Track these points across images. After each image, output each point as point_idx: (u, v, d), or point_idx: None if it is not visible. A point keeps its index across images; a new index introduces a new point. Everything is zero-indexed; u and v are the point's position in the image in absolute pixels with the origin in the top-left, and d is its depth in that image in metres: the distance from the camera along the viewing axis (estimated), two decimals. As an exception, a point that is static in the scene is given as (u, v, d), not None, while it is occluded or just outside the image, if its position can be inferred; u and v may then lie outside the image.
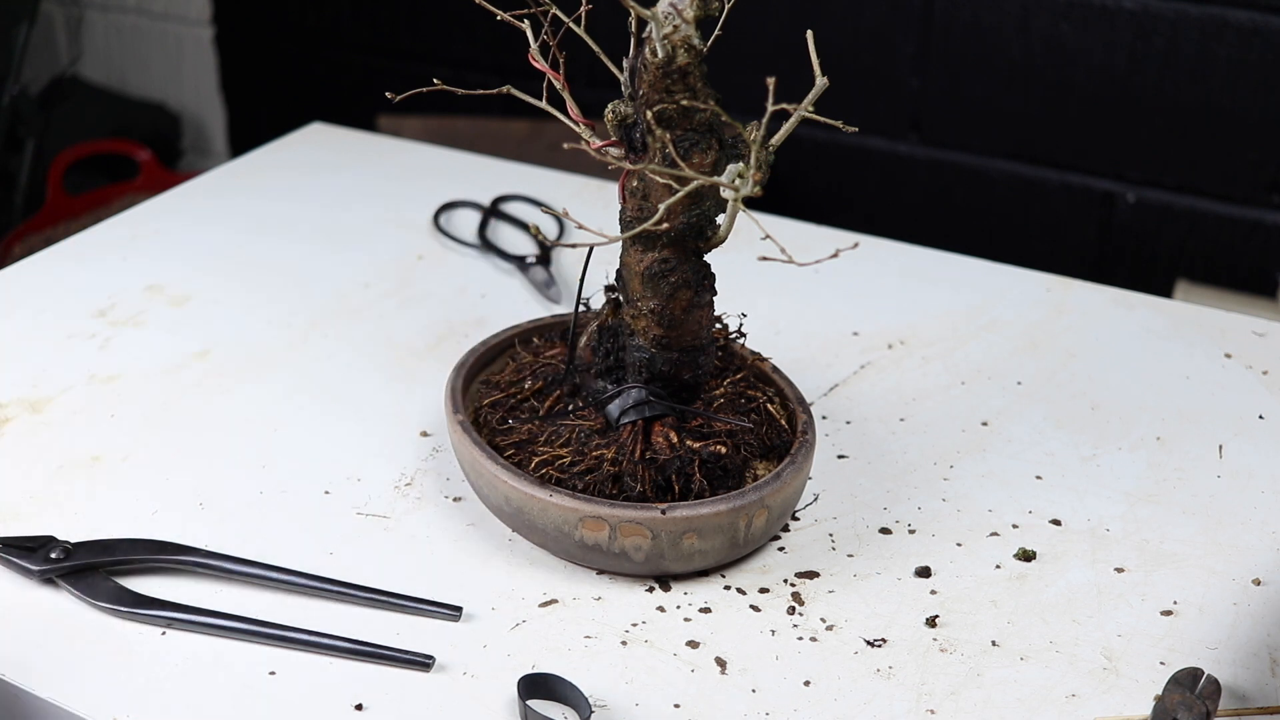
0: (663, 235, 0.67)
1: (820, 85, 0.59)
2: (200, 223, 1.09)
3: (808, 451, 0.72)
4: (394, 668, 0.64)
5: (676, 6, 0.62)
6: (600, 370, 0.75)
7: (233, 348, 0.91)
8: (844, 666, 0.65)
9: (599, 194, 1.15)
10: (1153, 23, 1.56)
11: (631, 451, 0.70)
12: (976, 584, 0.71)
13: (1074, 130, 1.65)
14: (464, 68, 2.01)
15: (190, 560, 0.68)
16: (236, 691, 0.62)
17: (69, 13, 2.37)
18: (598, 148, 0.67)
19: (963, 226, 1.77)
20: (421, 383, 0.87)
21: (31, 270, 1.00)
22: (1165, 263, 1.67)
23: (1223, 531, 0.76)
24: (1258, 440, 0.84)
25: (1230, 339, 0.96)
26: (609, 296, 0.74)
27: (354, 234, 1.08)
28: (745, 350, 0.80)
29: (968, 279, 1.04)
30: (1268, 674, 0.65)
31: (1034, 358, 0.93)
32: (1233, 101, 1.56)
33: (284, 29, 2.18)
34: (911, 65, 1.70)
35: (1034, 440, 0.84)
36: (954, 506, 0.77)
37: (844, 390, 0.88)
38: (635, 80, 0.65)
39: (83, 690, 0.61)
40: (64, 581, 0.67)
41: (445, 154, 1.25)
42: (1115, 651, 0.66)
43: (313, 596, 0.68)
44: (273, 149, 1.24)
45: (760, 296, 0.97)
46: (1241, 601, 0.70)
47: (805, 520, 0.75)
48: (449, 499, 0.76)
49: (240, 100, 2.32)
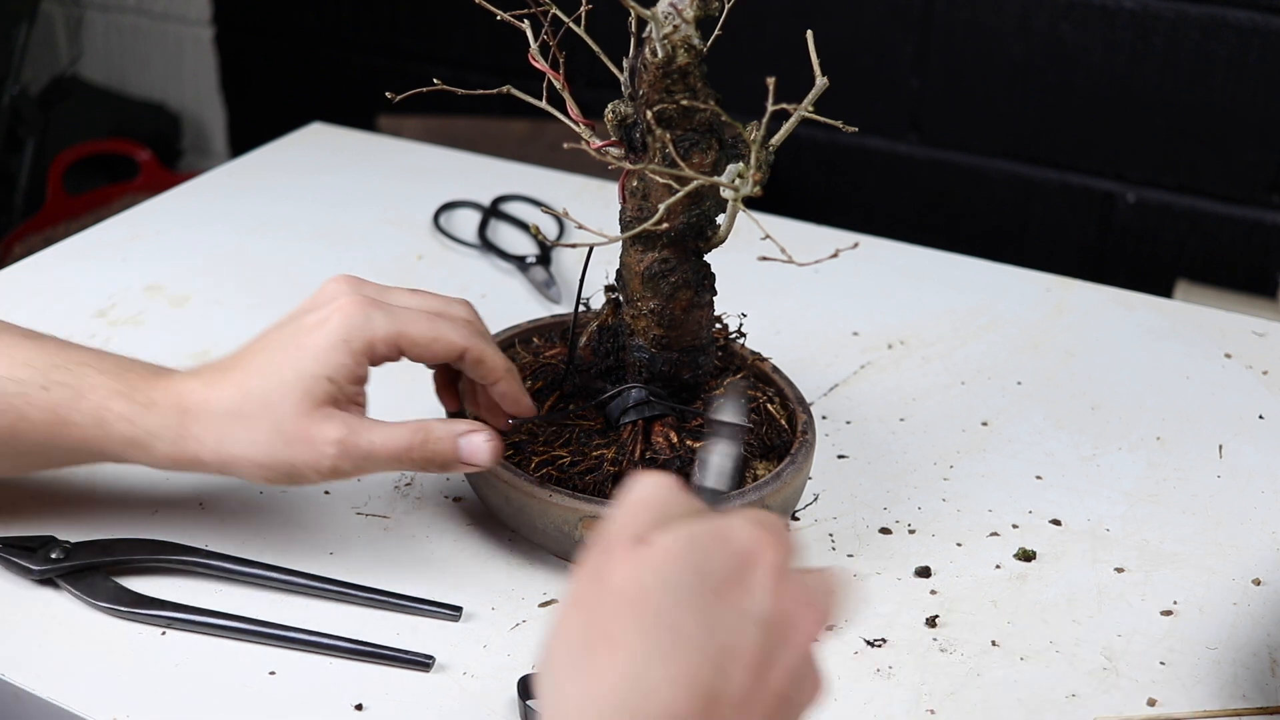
0: (663, 235, 0.67)
1: (820, 85, 0.59)
2: (200, 223, 1.09)
3: (808, 451, 0.72)
4: (394, 668, 0.64)
5: (676, 6, 0.62)
6: (600, 370, 0.75)
7: (232, 348, 0.90)
8: (844, 666, 0.65)
9: (599, 194, 1.15)
10: (1153, 23, 1.56)
11: (631, 451, 0.70)
12: (976, 584, 0.71)
13: (1074, 130, 1.65)
14: (464, 68, 2.01)
15: (190, 560, 0.68)
16: (236, 691, 0.62)
17: (69, 13, 2.37)
18: (598, 148, 0.67)
19: (963, 226, 1.77)
20: (422, 383, 0.87)
21: (31, 270, 1.00)
22: (1165, 263, 1.67)
23: (1223, 531, 0.76)
24: (1258, 440, 0.84)
25: (1230, 339, 0.96)
26: (609, 296, 0.74)
27: (354, 234, 1.08)
28: (745, 350, 0.80)
29: (968, 279, 1.04)
30: (1268, 674, 0.65)
31: (1034, 358, 0.93)
32: (1233, 101, 1.56)
33: (284, 29, 2.18)
34: (911, 65, 1.70)
35: (1034, 440, 0.84)
36: (954, 506, 0.77)
37: (844, 390, 0.88)
38: (635, 80, 0.65)
39: (83, 690, 0.61)
40: (64, 581, 0.67)
41: (445, 154, 1.25)
42: (1115, 651, 0.66)
43: (313, 596, 0.68)
44: (273, 149, 1.24)
45: (760, 296, 0.97)
46: (1241, 601, 0.70)
47: (805, 520, 0.75)
48: (449, 499, 0.76)
49: (240, 100, 2.32)
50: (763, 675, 0.45)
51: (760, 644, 0.45)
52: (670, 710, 0.42)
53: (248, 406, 0.62)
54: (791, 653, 0.46)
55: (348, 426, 0.62)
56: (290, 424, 0.62)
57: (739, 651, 0.44)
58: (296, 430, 0.62)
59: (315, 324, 0.63)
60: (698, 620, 0.44)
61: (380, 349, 0.63)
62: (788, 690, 0.45)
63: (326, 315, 0.63)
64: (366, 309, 0.64)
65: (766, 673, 0.45)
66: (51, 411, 0.63)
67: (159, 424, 0.63)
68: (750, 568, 0.46)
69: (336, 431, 0.62)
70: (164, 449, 0.64)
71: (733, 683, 0.44)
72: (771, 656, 0.45)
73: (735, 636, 0.44)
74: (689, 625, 0.44)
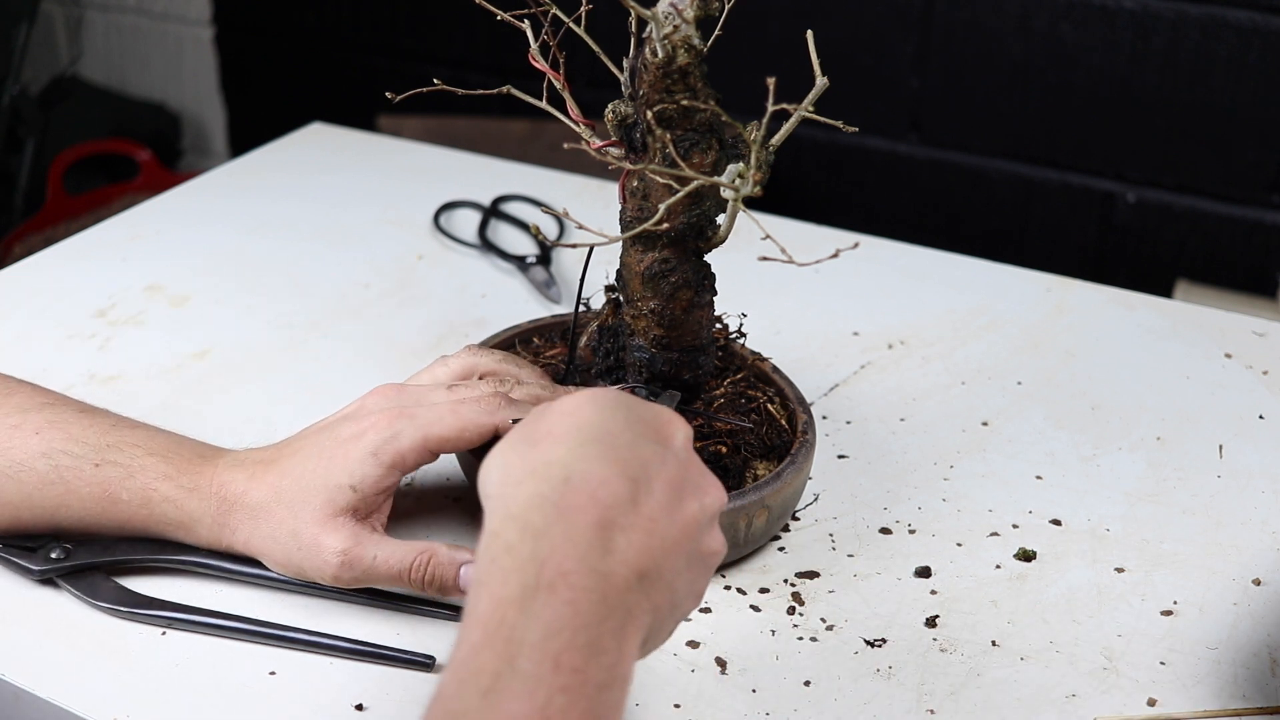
0: (663, 235, 0.67)
1: (820, 85, 0.59)
2: (200, 223, 1.09)
3: (808, 451, 0.72)
4: (394, 668, 0.64)
5: (676, 6, 0.62)
6: (600, 370, 0.75)
7: (232, 348, 0.91)
8: (844, 666, 0.65)
9: (599, 194, 1.15)
10: (1153, 23, 1.56)
11: (631, 451, 0.70)
12: (976, 584, 0.71)
13: (1074, 130, 1.65)
14: (464, 68, 2.01)
15: (190, 560, 0.68)
16: (236, 691, 0.62)
17: (69, 13, 2.37)
18: (598, 148, 0.67)
19: (963, 226, 1.77)
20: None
21: (31, 270, 1.00)
22: (1165, 263, 1.67)
23: (1223, 531, 0.76)
24: (1258, 440, 0.84)
25: (1230, 339, 0.96)
26: (609, 296, 0.74)
27: (354, 234, 1.08)
28: (745, 350, 0.80)
29: (968, 279, 1.04)
30: (1268, 674, 0.65)
31: (1034, 358, 0.93)
32: (1233, 101, 1.56)
33: (284, 29, 2.18)
34: (911, 65, 1.70)
35: (1034, 440, 0.84)
36: (954, 506, 0.77)
37: (844, 390, 0.88)
38: (635, 80, 0.65)
39: (83, 690, 0.61)
40: (64, 581, 0.67)
41: (445, 154, 1.25)
42: (1115, 651, 0.66)
43: (313, 596, 0.68)
44: (273, 149, 1.24)
45: (760, 296, 0.97)
46: (1241, 601, 0.70)
47: (805, 520, 0.75)
48: (449, 499, 0.76)
49: (240, 100, 2.32)
50: (679, 498, 0.51)
51: (678, 472, 0.52)
52: (602, 484, 0.49)
53: (275, 506, 0.65)
54: (704, 499, 0.52)
55: (355, 539, 0.64)
56: (306, 529, 0.64)
57: (660, 467, 0.51)
58: (308, 536, 0.64)
59: (350, 437, 0.66)
60: (626, 432, 0.51)
61: (411, 458, 0.66)
62: (700, 525, 0.52)
63: (362, 430, 0.66)
64: (395, 422, 0.66)
65: (682, 498, 0.51)
66: (100, 488, 0.66)
67: (201, 510, 0.66)
68: (668, 428, 0.54)
69: (343, 543, 0.64)
70: (204, 533, 0.67)
71: (655, 487, 0.50)
72: (686, 487, 0.52)
73: (657, 456, 0.51)
74: (619, 433, 0.51)
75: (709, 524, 0.53)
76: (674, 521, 0.50)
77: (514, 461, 0.51)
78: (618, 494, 0.49)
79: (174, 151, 2.35)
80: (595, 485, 0.49)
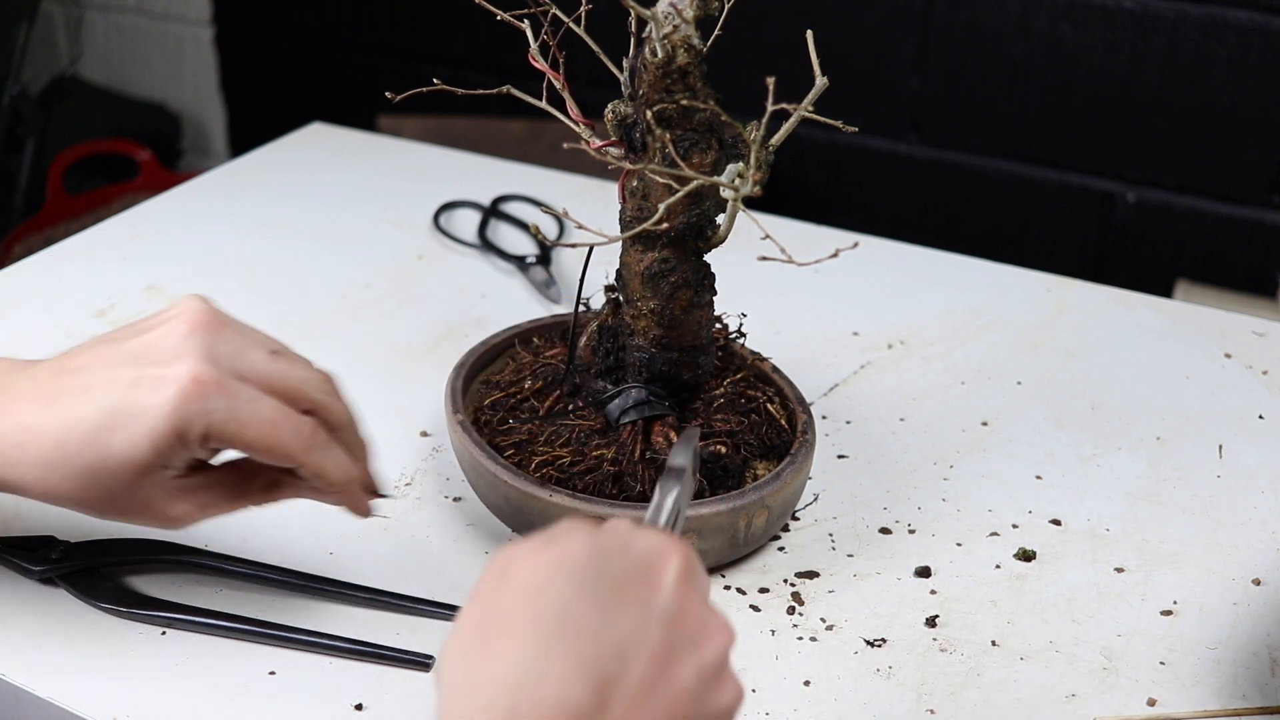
0: (663, 235, 0.67)
1: (820, 85, 0.59)
2: (200, 223, 1.09)
3: (808, 451, 0.72)
4: (394, 668, 0.64)
5: (676, 6, 0.62)
6: (600, 370, 0.75)
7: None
8: (844, 666, 0.65)
9: (599, 194, 1.15)
10: (1153, 23, 1.56)
11: (631, 451, 0.70)
12: (976, 584, 0.71)
13: (1074, 130, 1.65)
14: (464, 68, 2.01)
15: (190, 560, 0.68)
16: (236, 691, 0.62)
17: (69, 13, 2.37)
18: (598, 148, 0.67)
19: (963, 226, 1.77)
20: (421, 383, 0.87)
21: (31, 270, 1.00)
22: (1165, 263, 1.67)
23: (1223, 531, 0.76)
24: (1258, 440, 0.84)
25: (1230, 339, 0.96)
26: (609, 296, 0.74)
27: (354, 234, 1.08)
28: (745, 350, 0.80)
29: (968, 279, 1.04)
30: (1268, 674, 0.65)
31: (1034, 358, 0.93)
32: (1233, 101, 1.56)
33: (284, 29, 2.18)
34: (911, 65, 1.70)
35: (1034, 440, 0.84)
36: (954, 506, 0.77)
37: (844, 390, 0.88)
38: (635, 80, 0.65)
39: (83, 690, 0.61)
40: (64, 581, 0.67)
41: (445, 154, 1.25)
42: (1115, 651, 0.66)
43: (313, 596, 0.68)
44: (273, 149, 1.24)
45: (760, 296, 0.97)
46: (1241, 601, 0.70)
47: (805, 520, 0.75)
48: (449, 499, 0.76)
49: (240, 100, 2.32)
50: (666, 670, 0.45)
51: (662, 639, 0.45)
52: (563, 694, 0.42)
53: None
54: (701, 653, 0.46)
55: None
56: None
57: (639, 643, 0.44)
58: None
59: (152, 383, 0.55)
60: (595, 612, 0.44)
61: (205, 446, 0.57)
62: (696, 689, 0.45)
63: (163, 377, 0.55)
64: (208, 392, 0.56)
65: (669, 668, 0.45)
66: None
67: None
68: (655, 572, 0.46)
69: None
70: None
71: (631, 673, 0.44)
72: (675, 653, 0.45)
73: (636, 630, 0.44)
74: (586, 616, 0.44)
75: (713, 678, 0.46)
76: (659, 700, 0.44)
77: (464, 663, 0.44)
78: (581, 704, 0.42)
79: (174, 151, 2.35)
80: (553, 702, 0.42)
